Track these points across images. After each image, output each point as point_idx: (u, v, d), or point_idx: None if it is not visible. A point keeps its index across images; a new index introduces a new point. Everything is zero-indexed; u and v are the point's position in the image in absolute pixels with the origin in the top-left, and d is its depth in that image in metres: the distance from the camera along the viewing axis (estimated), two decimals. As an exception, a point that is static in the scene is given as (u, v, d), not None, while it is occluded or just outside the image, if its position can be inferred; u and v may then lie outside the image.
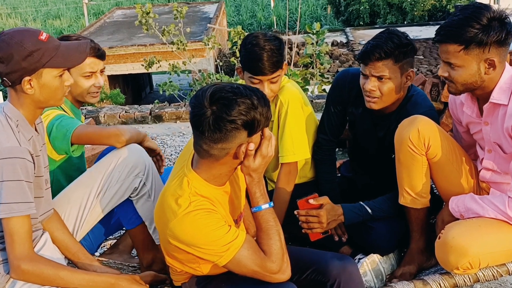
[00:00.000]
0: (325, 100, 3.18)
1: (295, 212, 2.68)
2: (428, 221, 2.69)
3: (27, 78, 2.12)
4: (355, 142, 3.06)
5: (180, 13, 10.10)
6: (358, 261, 2.70)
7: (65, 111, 2.75)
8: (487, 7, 2.29)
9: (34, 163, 2.16)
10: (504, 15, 2.28)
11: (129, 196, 2.64)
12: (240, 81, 2.99)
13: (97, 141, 2.70)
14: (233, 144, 1.97)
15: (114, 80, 21.84)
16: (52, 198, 2.47)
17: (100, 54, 2.80)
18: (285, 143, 2.83)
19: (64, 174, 2.81)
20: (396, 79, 2.62)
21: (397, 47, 2.57)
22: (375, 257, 2.69)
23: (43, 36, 2.14)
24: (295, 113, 2.83)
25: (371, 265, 2.65)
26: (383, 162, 2.75)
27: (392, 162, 2.63)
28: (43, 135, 2.38)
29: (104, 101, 19.19)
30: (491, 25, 2.25)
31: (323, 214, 2.64)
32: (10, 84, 2.14)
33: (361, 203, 2.76)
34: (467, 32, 2.25)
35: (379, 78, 2.60)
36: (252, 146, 2.00)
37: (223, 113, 1.91)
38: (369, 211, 2.72)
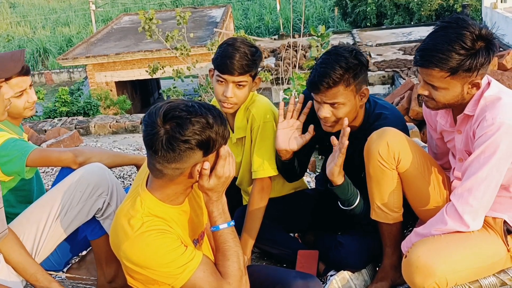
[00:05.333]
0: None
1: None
2: (402, 235, 2.61)
3: None
4: (326, 158, 2.97)
5: (183, 18, 10.10)
6: (329, 278, 2.63)
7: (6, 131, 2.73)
8: (469, 24, 2.16)
9: None
10: (488, 31, 2.17)
11: (95, 216, 2.59)
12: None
13: (53, 163, 2.71)
14: (187, 164, 1.90)
15: (122, 86, 21.91)
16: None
17: (26, 71, 2.76)
18: (258, 158, 2.76)
19: (14, 194, 2.78)
20: (350, 102, 2.51)
21: (346, 71, 2.45)
22: (345, 274, 2.60)
23: None
24: (267, 127, 2.75)
25: (341, 282, 2.57)
26: (353, 180, 2.65)
27: (362, 180, 2.55)
28: None
29: (111, 108, 19.25)
30: (478, 49, 2.14)
31: (342, 152, 2.45)
32: None
33: (358, 192, 2.61)
34: (454, 59, 2.13)
35: (332, 104, 2.51)
36: (207, 165, 1.93)
37: (176, 133, 1.83)
38: (355, 203, 2.58)
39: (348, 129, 2.44)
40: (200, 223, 2.23)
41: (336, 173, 2.51)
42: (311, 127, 2.64)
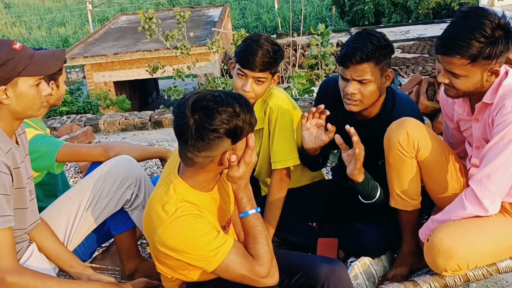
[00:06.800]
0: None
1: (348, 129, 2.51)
2: (420, 222, 2.68)
3: (2, 87, 2.08)
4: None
5: (183, 17, 10.13)
6: (350, 264, 2.70)
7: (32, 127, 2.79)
8: (488, 13, 2.25)
9: (11, 175, 2.12)
10: (506, 21, 2.25)
11: (123, 207, 2.66)
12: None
13: (83, 158, 2.82)
14: (217, 152, 1.98)
15: (120, 86, 21.88)
16: None
17: None
18: (277, 150, 2.83)
19: (41, 189, 2.85)
20: (377, 81, 2.58)
21: (377, 48, 2.53)
22: (366, 260, 2.67)
23: (17, 46, 2.10)
24: (285, 119, 2.83)
25: (362, 267, 2.64)
26: (370, 167, 2.71)
27: (379, 168, 2.62)
28: (25, 146, 2.36)
29: (110, 108, 19.28)
30: (497, 37, 2.22)
31: (358, 159, 2.51)
32: None
33: (378, 185, 2.67)
34: (475, 47, 2.21)
35: (361, 81, 2.58)
36: (234, 158, 2.01)
37: (205, 123, 1.91)
38: (376, 196, 2.65)
39: (356, 138, 2.49)
40: (228, 210, 2.30)
41: (356, 174, 2.58)
42: (330, 126, 2.66)
